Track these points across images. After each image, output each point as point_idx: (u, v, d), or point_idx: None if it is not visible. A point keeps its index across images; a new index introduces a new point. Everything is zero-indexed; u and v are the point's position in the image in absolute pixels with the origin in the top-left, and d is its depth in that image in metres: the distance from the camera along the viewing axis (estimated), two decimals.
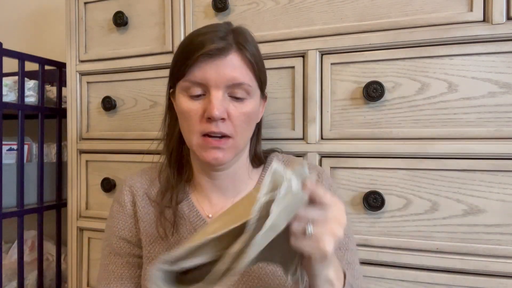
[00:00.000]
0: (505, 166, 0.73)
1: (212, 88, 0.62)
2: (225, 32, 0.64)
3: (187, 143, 0.68)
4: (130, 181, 0.76)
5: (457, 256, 0.76)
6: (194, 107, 0.64)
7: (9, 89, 1.17)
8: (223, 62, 0.62)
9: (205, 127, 0.63)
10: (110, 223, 0.75)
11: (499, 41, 0.74)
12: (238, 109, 0.64)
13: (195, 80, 0.63)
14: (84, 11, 1.11)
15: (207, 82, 0.62)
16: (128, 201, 0.74)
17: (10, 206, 1.16)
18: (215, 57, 0.62)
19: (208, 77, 0.62)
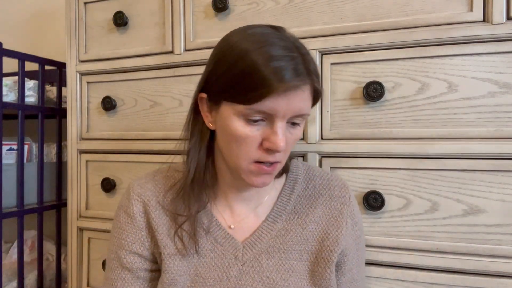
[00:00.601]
0: (505, 166, 0.73)
1: (278, 119, 0.57)
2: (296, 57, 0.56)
3: (230, 164, 0.63)
4: (138, 188, 0.70)
5: (457, 256, 0.76)
6: (251, 134, 0.58)
7: (9, 89, 1.17)
8: (295, 94, 0.56)
9: (262, 156, 0.59)
10: (118, 234, 0.69)
11: (499, 41, 0.74)
12: (293, 135, 0.61)
13: (262, 109, 0.56)
14: (84, 11, 1.11)
15: (276, 114, 0.56)
16: (138, 212, 0.69)
17: (10, 206, 1.16)
18: (292, 90, 0.55)
19: (277, 109, 0.56)
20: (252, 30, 0.60)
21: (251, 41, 0.57)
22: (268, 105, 0.55)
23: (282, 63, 0.54)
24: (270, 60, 0.54)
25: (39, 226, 1.25)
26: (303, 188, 0.72)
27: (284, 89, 0.54)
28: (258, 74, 0.54)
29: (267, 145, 0.58)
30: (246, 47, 0.56)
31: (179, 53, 0.99)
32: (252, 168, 0.60)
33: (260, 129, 0.58)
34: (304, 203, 0.70)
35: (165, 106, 1.01)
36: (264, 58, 0.55)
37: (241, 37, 0.59)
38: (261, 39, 0.57)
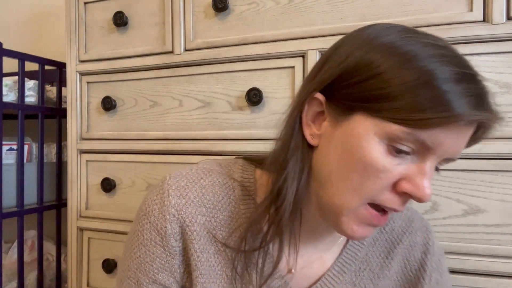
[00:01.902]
0: (505, 166, 0.73)
1: (433, 157, 0.42)
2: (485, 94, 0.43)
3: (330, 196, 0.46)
4: (177, 200, 0.51)
5: (457, 256, 0.76)
6: (390, 167, 0.42)
7: (9, 89, 1.17)
8: (466, 133, 0.42)
9: (390, 200, 0.44)
10: (141, 253, 0.52)
11: (499, 41, 0.74)
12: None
13: (425, 140, 0.41)
14: (84, 11, 1.11)
15: (436, 149, 0.41)
16: (173, 234, 0.51)
17: (10, 206, 1.16)
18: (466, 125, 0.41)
19: (443, 144, 0.41)
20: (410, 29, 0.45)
21: (419, 41, 0.42)
22: (437, 136, 0.40)
23: (473, 86, 0.40)
24: (458, 76, 0.40)
25: (39, 226, 1.25)
26: (379, 230, 0.57)
27: (468, 121, 0.40)
28: (442, 90, 0.39)
29: (406, 187, 0.42)
30: (415, 50, 0.41)
31: (179, 53, 0.99)
32: (361, 213, 0.45)
33: (401, 165, 0.42)
34: (379, 250, 0.56)
35: (165, 106, 1.01)
36: (450, 71, 0.40)
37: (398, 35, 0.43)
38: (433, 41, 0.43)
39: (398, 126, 0.40)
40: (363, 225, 0.46)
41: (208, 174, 0.54)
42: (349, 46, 0.45)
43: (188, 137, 0.97)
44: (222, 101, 0.94)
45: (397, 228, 0.58)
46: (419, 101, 0.39)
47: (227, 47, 0.93)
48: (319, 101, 0.47)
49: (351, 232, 0.46)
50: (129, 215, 1.05)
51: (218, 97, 0.95)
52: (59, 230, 1.32)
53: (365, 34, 0.46)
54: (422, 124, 0.39)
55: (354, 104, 0.43)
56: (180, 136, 0.98)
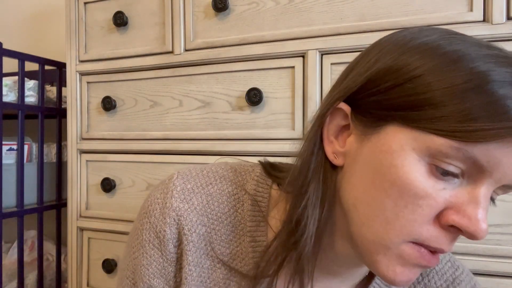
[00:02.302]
0: None
1: (489, 182, 0.34)
2: None
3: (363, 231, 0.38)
4: (179, 204, 0.46)
5: (457, 256, 0.76)
6: (433, 193, 0.34)
7: (9, 89, 1.17)
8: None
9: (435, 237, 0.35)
10: (138, 253, 0.48)
11: (499, 41, 0.74)
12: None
13: (477, 157, 0.32)
14: (84, 11, 1.11)
15: (492, 171, 0.33)
16: (172, 239, 0.46)
17: (10, 206, 1.16)
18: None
19: (501, 165, 0.33)
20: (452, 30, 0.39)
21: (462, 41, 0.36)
22: (493, 152, 0.32)
23: None
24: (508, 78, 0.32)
25: (39, 226, 1.25)
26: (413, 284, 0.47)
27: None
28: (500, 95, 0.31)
29: (454, 219, 0.34)
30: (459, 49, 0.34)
31: (179, 53, 0.99)
32: (406, 252, 0.36)
33: (448, 190, 0.34)
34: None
35: (165, 106, 1.01)
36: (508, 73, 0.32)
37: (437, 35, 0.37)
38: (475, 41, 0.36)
39: (444, 139, 0.32)
40: (409, 267, 0.36)
41: (219, 180, 0.48)
42: (379, 51, 0.38)
43: (188, 137, 0.97)
44: (222, 101, 0.94)
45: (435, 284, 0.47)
46: (470, 108, 0.31)
47: (227, 47, 0.93)
48: (344, 112, 0.39)
49: (393, 275, 0.36)
50: (129, 215, 1.05)
51: (218, 97, 0.95)
52: (59, 230, 1.32)
53: (399, 36, 0.39)
54: (475, 136, 0.31)
55: (386, 113, 0.35)
56: (180, 136, 0.98)
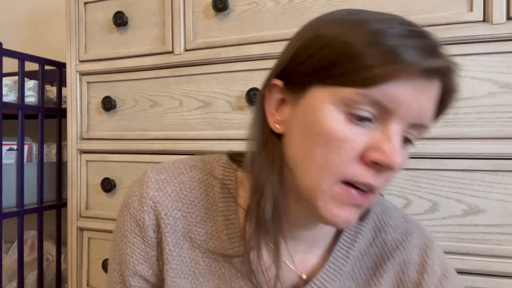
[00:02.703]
0: (505, 166, 0.73)
1: (396, 120, 0.39)
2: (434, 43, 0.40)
3: (303, 184, 0.43)
4: (154, 192, 0.51)
5: (457, 256, 0.76)
6: (353, 137, 0.39)
7: (9, 89, 1.17)
8: (426, 89, 0.39)
9: (360, 174, 0.40)
10: (122, 244, 0.52)
11: (499, 41, 0.74)
12: (403, 158, 0.42)
13: (379, 99, 0.38)
14: (84, 11, 1.11)
15: (396, 109, 0.38)
16: (151, 225, 0.51)
17: (10, 206, 1.16)
18: (422, 78, 0.39)
19: (402, 102, 0.38)
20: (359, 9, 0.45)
21: (365, 13, 0.42)
22: (390, 92, 0.38)
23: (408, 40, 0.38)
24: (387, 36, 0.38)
25: (39, 226, 1.25)
26: (369, 242, 0.52)
27: (416, 72, 0.38)
28: (390, 45, 0.37)
29: (374, 156, 0.39)
30: (362, 18, 0.40)
31: (179, 53, 0.99)
32: (337, 192, 0.41)
33: (365, 133, 0.40)
34: (367, 266, 0.51)
35: (165, 106, 1.01)
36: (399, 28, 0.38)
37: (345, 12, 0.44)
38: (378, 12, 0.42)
39: (351, 88, 0.38)
40: (345, 207, 0.41)
41: (189, 170, 0.53)
42: (302, 31, 0.46)
43: (188, 137, 0.97)
44: (222, 101, 0.94)
45: (389, 241, 0.51)
46: (367, 59, 0.37)
47: (227, 47, 0.93)
48: (278, 87, 0.45)
49: (332, 217, 0.41)
50: None
51: (218, 97, 0.95)
52: (59, 230, 1.32)
53: (315, 19, 0.46)
54: (372, 80, 0.37)
55: (308, 78, 0.42)
56: (180, 136, 0.98)
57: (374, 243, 0.52)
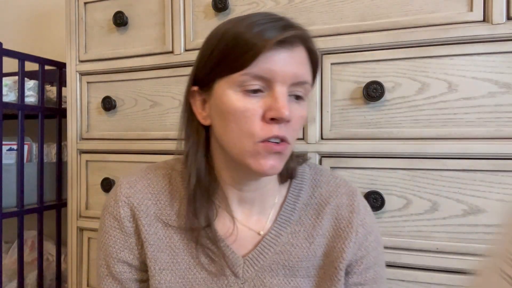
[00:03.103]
0: (505, 166, 0.73)
1: (278, 84, 0.52)
2: (282, 18, 0.55)
3: (233, 152, 0.55)
4: (126, 190, 0.62)
5: (457, 256, 0.76)
6: (251, 106, 0.52)
7: (9, 89, 1.17)
8: (291, 55, 0.53)
9: (267, 130, 0.52)
10: (105, 240, 0.62)
11: (499, 41, 0.74)
12: (298, 112, 0.55)
13: (258, 73, 0.52)
14: (84, 11, 1.11)
15: (273, 76, 0.52)
16: (126, 216, 0.61)
17: (10, 206, 1.16)
18: (284, 48, 0.52)
19: (275, 70, 0.52)
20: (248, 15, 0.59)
21: (233, 20, 0.56)
22: (263, 66, 0.51)
23: (268, 25, 0.52)
24: (253, 26, 0.52)
25: (39, 226, 1.25)
26: (309, 196, 0.65)
27: (275, 45, 0.51)
28: (244, 38, 0.52)
29: (270, 114, 0.52)
30: (230, 25, 0.55)
31: (179, 53, 0.99)
32: (259, 148, 0.53)
33: (260, 101, 0.53)
34: (310, 213, 0.63)
35: (165, 106, 1.01)
36: (247, 25, 0.53)
37: (223, 22, 0.59)
38: (244, 16, 0.56)
39: (237, 73, 0.52)
40: (268, 157, 0.53)
41: (154, 169, 0.66)
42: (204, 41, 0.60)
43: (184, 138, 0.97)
44: None
45: (324, 193, 0.65)
46: (243, 45, 0.52)
47: None
48: (196, 91, 0.59)
49: (260, 166, 0.53)
50: None
51: None
52: (59, 230, 1.32)
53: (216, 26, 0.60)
54: (247, 61, 0.51)
55: (210, 77, 0.56)
56: None
57: (313, 196, 0.65)
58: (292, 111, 0.53)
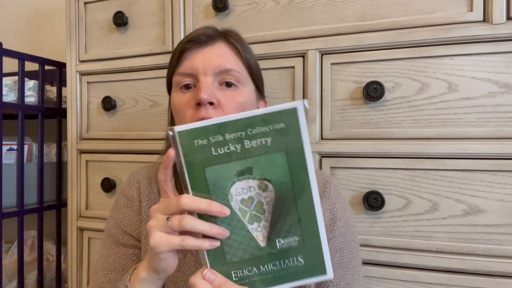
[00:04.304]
0: (505, 166, 0.73)
1: (201, 76, 0.63)
2: (213, 30, 0.68)
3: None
4: (137, 176, 0.75)
5: (457, 256, 0.76)
6: (184, 99, 0.64)
7: (9, 89, 1.17)
8: (211, 50, 0.64)
9: (196, 115, 0.61)
10: (115, 215, 0.73)
11: (499, 41, 0.74)
12: (229, 97, 0.63)
13: (184, 71, 0.64)
14: (84, 11, 1.11)
15: (196, 71, 0.63)
16: (136, 197, 0.73)
17: (10, 206, 1.16)
18: (202, 46, 0.65)
19: (195, 65, 0.63)
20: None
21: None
22: (187, 64, 0.64)
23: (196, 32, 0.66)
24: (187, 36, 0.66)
25: (39, 226, 1.25)
26: None
27: (195, 45, 0.64)
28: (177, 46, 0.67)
29: (195, 100, 0.61)
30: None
31: None
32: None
33: (192, 94, 0.64)
34: None
35: (165, 106, 1.01)
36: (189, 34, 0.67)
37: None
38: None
39: (174, 77, 0.66)
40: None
41: (154, 164, 0.79)
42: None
43: None
44: None
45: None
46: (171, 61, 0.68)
47: None
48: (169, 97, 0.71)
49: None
50: None
51: None
52: (59, 230, 1.32)
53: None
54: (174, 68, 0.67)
55: (169, 84, 0.70)
56: None
57: None
58: (219, 97, 0.62)
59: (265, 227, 0.47)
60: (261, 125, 0.45)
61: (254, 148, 0.45)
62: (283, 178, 0.46)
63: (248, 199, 0.47)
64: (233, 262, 0.47)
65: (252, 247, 0.47)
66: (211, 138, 0.45)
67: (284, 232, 0.47)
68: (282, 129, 0.45)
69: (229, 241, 0.47)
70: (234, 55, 0.66)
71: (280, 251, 0.47)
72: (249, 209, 0.47)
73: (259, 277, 0.48)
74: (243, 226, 0.47)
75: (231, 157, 0.45)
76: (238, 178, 0.46)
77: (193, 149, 0.45)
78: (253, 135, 0.45)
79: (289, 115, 0.44)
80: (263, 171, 0.46)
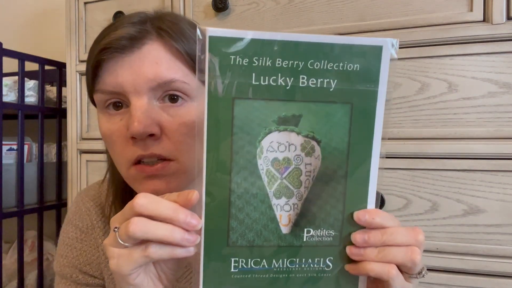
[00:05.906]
0: (505, 166, 0.73)
1: (131, 96, 0.44)
2: (140, 19, 0.48)
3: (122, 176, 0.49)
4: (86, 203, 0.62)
5: (457, 256, 0.76)
6: (114, 127, 0.45)
7: (9, 89, 1.17)
8: (139, 56, 0.44)
9: (132, 151, 0.44)
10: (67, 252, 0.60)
11: (499, 41, 0.74)
12: (176, 119, 0.44)
13: (106, 88, 0.45)
14: (84, 11, 1.11)
15: (122, 89, 0.44)
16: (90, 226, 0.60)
17: (10, 206, 1.16)
18: (125, 52, 0.44)
19: (120, 82, 0.44)
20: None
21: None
22: (108, 79, 0.44)
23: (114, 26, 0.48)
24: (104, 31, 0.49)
25: (39, 226, 1.25)
26: None
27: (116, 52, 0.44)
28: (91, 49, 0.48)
29: (128, 133, 0.44)
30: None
31: None
32: (133, 173, 0.45)
33: (123, 119, 0.45)
34: None
35: None
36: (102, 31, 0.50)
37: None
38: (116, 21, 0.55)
39: (95, 94, 0.47)
40: (145, 181, 0.45)
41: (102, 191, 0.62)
42: None
43: None
44: None
45: None
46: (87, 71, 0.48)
47: None
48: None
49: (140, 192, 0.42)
50: None
51: None
52: (59, 230, 1.32)
53: None
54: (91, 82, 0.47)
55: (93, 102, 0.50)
56: None
57: None
58: (162, 121, 0.44)
59: (295, 207, 0.34)
60: (327, 59, 0.32)
61: (310, 89, 0.32)
62: (338, 143, 0.33)
63: (283, 161, 0.33)
64: (238, 246, 0.33)
65: (269, 231, 0.33)
66: (255, 58, 0.31)
67: (318, 221, 0.34)
68: (355, 73, 0.33)
69: (241, 215, 0.33)
70: (174, 58, 0.45)
71: (305, 244, 0.34)
72: (281, 175, 0.33)
73: (266, 275, 0.34)
74: (265, 199, 0.33)
75: (275, 93, 0.32)
76: (277, 126, 0.32)
77: (225, 67, 0.31)
78: (314, 70, 0.32)
79: (368, 55, 0.34)
80: (314, 126, 0.33)
